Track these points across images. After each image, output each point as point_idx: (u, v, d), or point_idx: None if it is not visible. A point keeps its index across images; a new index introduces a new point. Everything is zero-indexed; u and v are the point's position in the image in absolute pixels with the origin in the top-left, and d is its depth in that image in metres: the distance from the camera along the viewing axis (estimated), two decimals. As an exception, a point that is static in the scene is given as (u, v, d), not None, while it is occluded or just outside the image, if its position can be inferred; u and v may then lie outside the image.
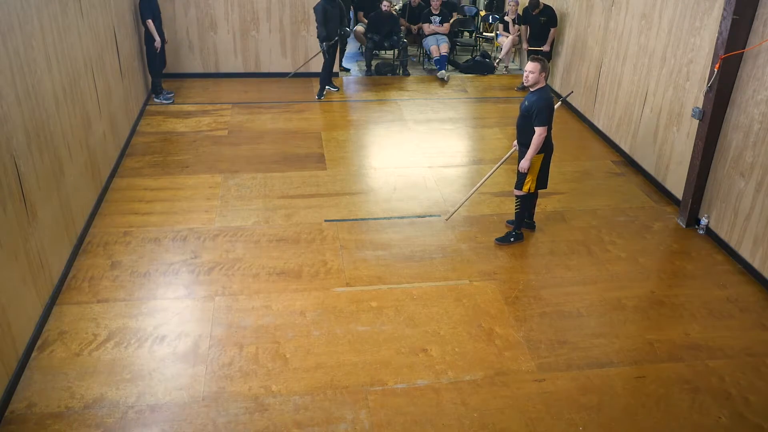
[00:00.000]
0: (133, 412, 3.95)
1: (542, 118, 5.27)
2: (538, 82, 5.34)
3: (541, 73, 5.29)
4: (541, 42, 9.46)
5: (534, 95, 5.35)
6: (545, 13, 9.30)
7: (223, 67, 9.96)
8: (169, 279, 5.19)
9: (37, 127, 4.72)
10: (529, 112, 5.33)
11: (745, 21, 5.35)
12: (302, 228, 5.98)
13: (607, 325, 4.86)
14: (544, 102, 5.28)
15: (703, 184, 6.04)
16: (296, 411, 4.00)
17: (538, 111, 5.27)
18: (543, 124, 5.28)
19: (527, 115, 5.37)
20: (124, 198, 6.38)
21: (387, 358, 4.45)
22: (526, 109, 5.37)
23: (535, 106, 5.28)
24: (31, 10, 4.76)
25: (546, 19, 9.29)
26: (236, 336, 4.60)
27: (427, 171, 7.20)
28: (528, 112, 5.35)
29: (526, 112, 5.36)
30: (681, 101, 6.44)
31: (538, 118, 5.27)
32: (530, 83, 5.36)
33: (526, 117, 5.39)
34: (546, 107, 5.28)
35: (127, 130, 7.60)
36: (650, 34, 6.98)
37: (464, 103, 9.45)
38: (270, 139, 7.92)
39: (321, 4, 8.85)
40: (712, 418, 4.07)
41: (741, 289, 5.31)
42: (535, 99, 5.30)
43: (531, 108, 5.31)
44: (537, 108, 5.27)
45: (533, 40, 9.56)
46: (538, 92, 5.35)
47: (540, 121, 5.27)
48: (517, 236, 5.85)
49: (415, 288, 5.18)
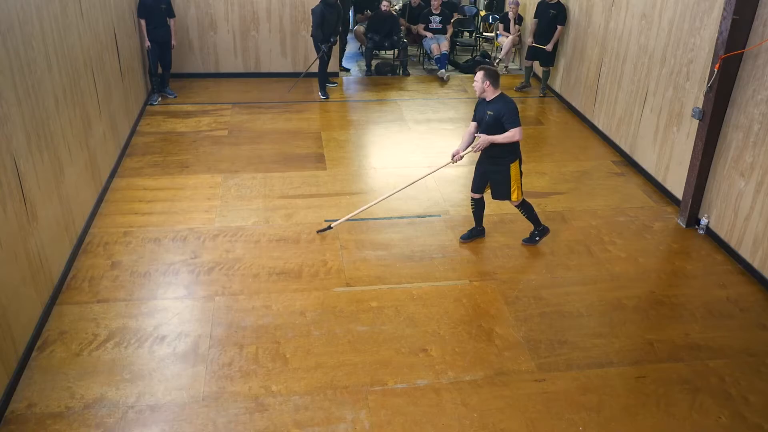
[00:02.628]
0: (133, 412, 3.95)
1: (515, 120, 5.21)
2: (484, 91, 5.26)
3: (484, 82, 5.21)
4: (545, 40, 9.27)
5: (497, 103, 5.26)
6: (557, 7, 9.09)
7: (223, 67, 9.96)
8: (169, 279, 5.19)
9: (37, 127, 4.72)
10: (498, 120, 5.24)
11: (745, 21, 5.35)
12: (302, 228, 5.98)
13: (607, 325, 4.86)
14: (510, 105, 5.25)
15: (703, 184, 6.04)
16: (296, 411, 4.00)
17: (508, 114, 5.21)
18: (517, 124, 5.21)
19: (493, 124, 5.27)
20: (124, 198, 6.38)
21: (387, 358, 4.45)
22: (493, 118, 5.25)
23: (503, 110, 5.21)
24: (31, 10, 4.76)
25: (556, 13, 9.07)
26: (236, 336, 4.60)
27: (427, 171, 7.18)
28: (497, 120, 5.24)
29: (494, 121, 5.25)
30: (681, 101, 6.44)
31: (511, 121, 5.21)
32: (477, 92, 5.32)
33: (492, 126, 5.28)
34: (513, 110, 5.23)
35: (127, 130, 7.60)
36: (650, 34, 6.98)
37: (464, 103, 9.45)
38: (270, 139, 7.92)
39: (319, 7, 8.84)
40: (712, 418, 4.07)
41: (741, 289, 5.31)
42: (500, 105, 5.24)
43: (500, 115, 5.22)
44: (506, 111, 5.21)
45: (538, 37, 9.36)
46: (500, 99, 5.28)
47: (513, 122, 5.20)
48: (541, 232, 5.85)
49: (415, 288, 5.18)
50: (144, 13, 8.31)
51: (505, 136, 5.24)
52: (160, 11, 8.45)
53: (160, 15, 8.48)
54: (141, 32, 8.40)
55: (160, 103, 8.81)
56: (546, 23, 9.23)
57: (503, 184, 5.51)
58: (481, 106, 5.41)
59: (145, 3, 8.28)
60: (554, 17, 9.12)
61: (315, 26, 8.91)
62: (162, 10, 8.48)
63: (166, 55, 8.80)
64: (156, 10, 8.39)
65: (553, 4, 9.12)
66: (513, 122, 5.22)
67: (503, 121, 5.22)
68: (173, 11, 8.78)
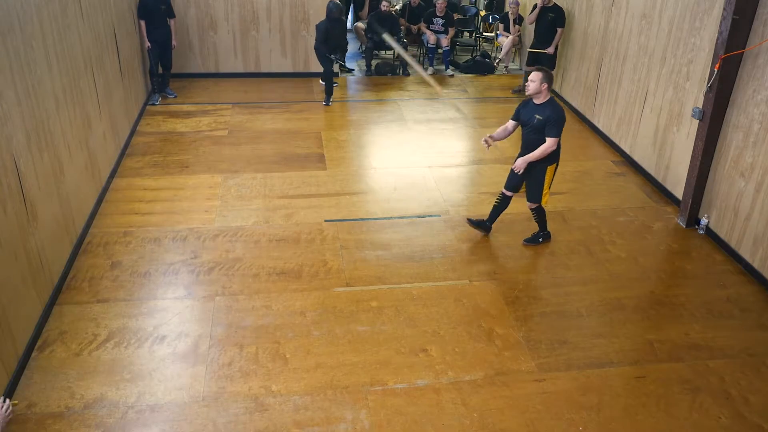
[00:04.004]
0: (133, 412, 3.95)
1: (558, 130, 5.25)
2: (539, 93, 5.26)
3: (542, 84, 5.21)
4: (545, 44, 9.12)
5: (547, 108, 5.26)
6: (554, 10, 8.97)
7: (223, 67, 9.96)
8: (169, 279, 5.19)
9: (37, 127, 4.73)
10: (544, 126, 5.26)
11: (745, 21, 5.35)
12: (302, 228, 5.98)
13: (607, 325, 4.86)
14: (559, 114, 5.26)
15: (703, 184, 6.04)
16: (296, 411, 4.00)
17: (555, 122, 5.22)
18: (557, 135, 5.25)
19: (540, 129, 5.28)
20: (124, 198, 6.38)
21: (387, 358, 4.45)
22: (542, 122, 5.25)
23: (552, 117, 5.22)
24: (31, 10, 4.76)
25: (554, 16, 8.95)
26: (236, 336, 4.60)
27: (427, 171, 7.20)
28: (542, 125, 5.26)
29: (542, 126, 5.26)
30: (681, 101, 6.44)
31: (554, 130, 5.23)
32: (530, 92, 5.29)
33: (539, 131, 5.29)
34: (561, 119, 5.26)
35: (127, 130, 7.60)
36: (650, 34, 6.98)
37: (464, 103, 9.45)
38: (270, 139, 7.92)
39: (324, 23, 8.80)
40: (712, 418, 4.07)
41: (741, 289, 5.31)
42: (550, 111, 5.24)
43: (547, 120, 5.23)
44: (555, 120, 5.22)
45: (537, 42, 9.21)
46: (551, 104, 5.28)
47: (555, 132, 5.24)
48: (545, 236, 5.88)
49: (415, 288, 5.18)
50: (144, 14, 8.31)
51: (540, 150, 5.28)
52: (160, 12, 8.45)
53: (161, 15, 8.49)
54: (141, 33, 8.41)
55: (160, 103, 8.81)
56: (544, 27, 9.09)
57: (538, 185, 5.54)
58: (527, 108, 5.39)
59: (145, 4, 8.28)
60: (553, 21, 9.00)
61: (319, 41, 8.83)
62: (162, 11, 8.48)
63: (166, 56, 8.79)
64: (156, 10, 8.39)
65: (550, 7, 9.00)
66: (554, 132, 5.23)
67: (547, 127, 5.23)
68: (173, 11, 8.76)
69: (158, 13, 8.43)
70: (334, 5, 8.78)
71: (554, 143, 5.26)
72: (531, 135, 5.36)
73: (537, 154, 5.30)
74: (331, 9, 8.78)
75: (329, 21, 8.81)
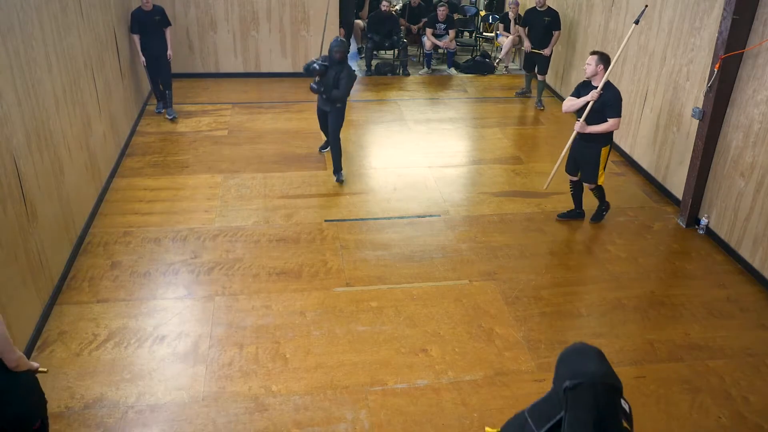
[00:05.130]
0: (133, 412, 3.95)
1: (619, 111, 5.60)
2: (596, 75, 5.60)
3: (598, 66, 5.57)
4: (542, 48, 9.01)
5: (604, 90, 5.57)
6: (549, 13, 8.91)
7: (223, 67, 9.96)
8: (169, 279, 5.19)
9: (37, 127, 4.73)
10: (603, 106, 5.58)
11: (745, 21, 5.35)
12: (302, 228, 5.98)
13: (607, 325, 4.86)
14: (617, 95, 5.59)
15: (703, 184, 6.04)
16: (296, 411, 4.00)
17: (614, 103, 5.56)
18: (618, 115, 5.59)
19: (597, 109, 5.60)
20: (124, 198, 6.38)
21: (387, 358, 4.45)
22: (599, 103, 5.58)
23: (611, 99, 5.56)
24: (31, 10, 4.76)
25: (550, 19, 8.88)
26: (236, 336, 4.60)
27: (427, 171, 7.20)
28: (602, 105, 5.58)
29: (600, 106, 5.58)
30: (681, 101, 6.44)
31: (614, 110, 5.57)
32: (588, 75, 5.65)
33: (596, 110, 5.61)
34: (619, 100, 5.60)
35: (127, 130, 7.60)
36: (650, 34, 6.97)
37: (464, 103, 9.45)
38: (270, 139, 7.92)
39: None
40: (712, 418, 4.07)
41: (741, 289, 5.31)
42: (608, 93, 5.57)
43: (606, 102, 5.56)
44: (613, 101, 5.56)
45: (536, 44, 9.11)
46: (608, 86, 5.61)
47: (617, 112, 5.58)
48: (606, 208, 6.23)
49: (415, 288, 5.18)
50: (137, 28, 7.76)
51: (602, 127, 5.62)
52: (154, 23, 7.87)
53: (155, 27, 7.90)
54: (135, 48, 7.88)
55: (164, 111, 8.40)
56: (541, 31, 8.98)
57: (592, 166, 5.83)
58: (587, 89, 5.70)
59: (137, 17, 7.74)
60: (549, 24, 8.90)
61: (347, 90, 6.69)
62: (156, 22, 7.90)
63: (162, 70, 8.15)
64: (149, 22, 7.83)
65: (544, 11, 8.92)
66: (615, 113, 5.58)
67: (607, 108, 5.57)
68: (168, 20, 8.10)
69: (152, 24, 7.85)
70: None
71: (617, 123, 5.61)
72: (589, 116, 5.67)
73: (599, 129, 5.64)
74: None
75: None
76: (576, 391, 2.04)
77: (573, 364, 2.15)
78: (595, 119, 5.64)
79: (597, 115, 5.62)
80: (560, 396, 2.10)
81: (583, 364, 2.12)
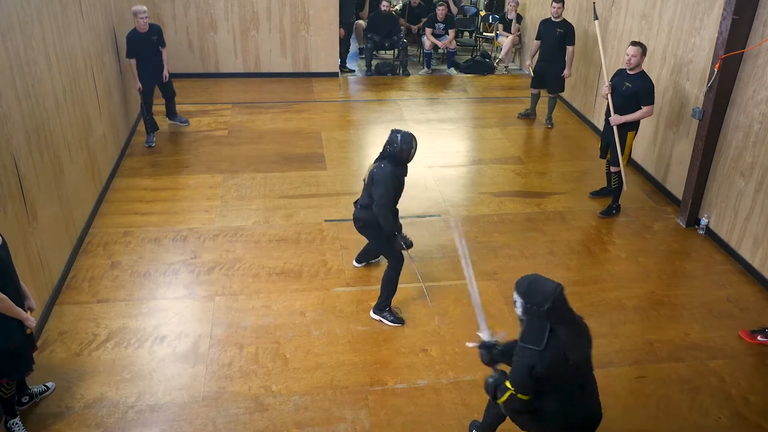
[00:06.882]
0: (133, 412, 3.95)
1: (652, 99, 5.88)
2: (639, 65, 5.83)
3: (642, 56, 5.81)
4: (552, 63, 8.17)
5: (638, 79, 5.85)
6: (563, 25, 8.02)
7: (223, 67, 9.96)
8: (169, 279, 5.19)
9: (37, 127, 4.73)
10: (635, 94, 5.84)
11: (745, 21, 5.35)
12: (302, 228, 5.97)
13: (607, 325, 4.86)
14: (650, 84, 5.86)
15: (703, 184, 6.04)
16: (296, 411, 4.00)
17: (647, 92, 5.84)
18: (652, 102, 5.88)
19: (629, 96, 5.88)
20: (124, 198, 6.38)
21: (387, 358, 4.45)
22: (631, 91, 5.85)
23: (643, 88, 5.83)
24: (31, 10, 4.76)
25: (563, 32, 8.00)
26: (236, 336, 4.60)
27: (427, 171, 7.20)
28: (634, 93, 5.85)
29: (632, 94, 5.86)
30: (681, 101, 6.44)
31: (648, 99, 5.85)
32: (632, 66, 5.83)
33: (627, 97, 5.89)
34: (652, 88, 5.87)
35: (127, 130, 7.60)
36: (650, 34, 6.97)
37: (464, 103, 9.45)
38: (270, 139, 7.92)
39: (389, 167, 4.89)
40: (712, 418, 4.07)
41: (741, 289, 5.31)
42: (641, 82, 5.84)
43: (638, 90, 5.82)
44: (646, 90, 5.84)
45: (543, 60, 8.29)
46: (642, 76, 5.87)
47: (650, 100, 5.86)
48: (618, 208, 6.40)
49: (415, 288, 5.18)
50: (133, 52, 7.22)
51: (637, 114, 5.93)
52: (150, 44, 7.39)
53: (151, 47, 7.42)
54: (133, 73, 7.33)
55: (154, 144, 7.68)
56: (553, 44, 8.12)
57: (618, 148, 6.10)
58: (620, 76, 6.00)
59: (132, 42, 7.18)
60: (562, 37, 8.03)
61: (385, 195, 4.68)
62: (153, 42, 7.42)
63: (163, 86, 7.74)
64: (146, 44, 7.33)
65: (559, 22, 8.03)
66: (649, 101, 5.88)
67: (640, 97, 5.86)
68: (164, 40, 7.64)
69: (149, 45, 7.37)
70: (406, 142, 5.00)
71: (650, 110, 5.92)
72: (618, 100, 5.99)
73: (633, 117, 5.94)
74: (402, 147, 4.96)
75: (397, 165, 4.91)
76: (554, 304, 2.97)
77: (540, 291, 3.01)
78: (629, 107, 5.93)
79: (631, 102, 5.90)
80: (542, 315, 2.98)
81: (545, 287, 3.03)
